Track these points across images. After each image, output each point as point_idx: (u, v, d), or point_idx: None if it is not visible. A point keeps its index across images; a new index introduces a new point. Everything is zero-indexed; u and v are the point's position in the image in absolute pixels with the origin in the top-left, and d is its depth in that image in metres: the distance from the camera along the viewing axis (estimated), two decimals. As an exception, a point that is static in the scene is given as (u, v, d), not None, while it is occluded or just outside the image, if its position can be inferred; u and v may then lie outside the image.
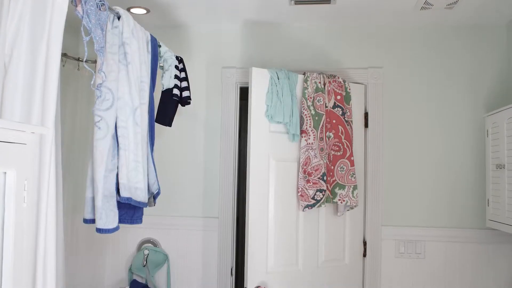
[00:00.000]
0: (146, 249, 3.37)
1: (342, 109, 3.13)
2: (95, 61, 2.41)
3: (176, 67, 2.90)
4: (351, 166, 3.11)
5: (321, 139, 3.03)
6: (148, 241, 3.43)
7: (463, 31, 3.34)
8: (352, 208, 3.18)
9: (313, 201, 2.98)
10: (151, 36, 2.61)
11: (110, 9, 2.25)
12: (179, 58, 2.95)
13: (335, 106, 3.11)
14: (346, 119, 3.13)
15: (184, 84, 2.98)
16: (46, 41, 1.85)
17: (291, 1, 2.98)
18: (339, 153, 3.09)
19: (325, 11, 3.18)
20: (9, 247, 1.44)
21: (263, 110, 2.94)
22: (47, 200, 1.82)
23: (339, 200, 3.07)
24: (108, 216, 2.29)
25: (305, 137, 2.99)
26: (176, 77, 2.89)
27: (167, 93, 2.90)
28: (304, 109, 3.01)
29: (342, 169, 3.09)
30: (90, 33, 2.10)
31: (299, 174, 3.00)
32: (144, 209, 2.60)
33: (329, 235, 3.18)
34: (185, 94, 2.97)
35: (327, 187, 3.04)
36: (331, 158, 3.09)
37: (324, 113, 3.06)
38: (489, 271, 3.22)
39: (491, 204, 3.01)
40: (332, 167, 3.08)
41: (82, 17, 2.05)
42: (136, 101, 2.37)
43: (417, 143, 3.34)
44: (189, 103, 3.02)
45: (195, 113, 3.46)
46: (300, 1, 2.98)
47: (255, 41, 3.48)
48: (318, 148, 3.01)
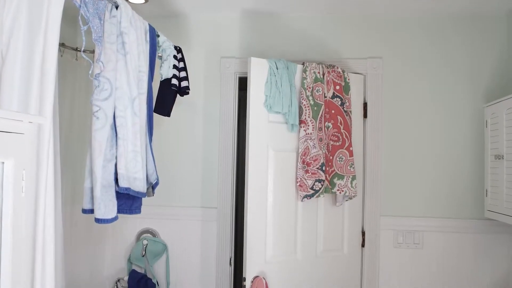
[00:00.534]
0: (145, 239, 3.37)
1: (341, 99, 3.12)
2: (93, 51, 2.40)
3: (175, 57, 2.88)
4: (350, 157, 3.11)
5: (320, 129, 3.03)
6: (147, 231, 3.43)
7: (463, 21, 3.32)
8: (350, 198, 3.18)
9: (312, 191, 2.98)
10: (150, 26, 2.59)
11: (108, -2, 2.24)
12: (178, 48, 2.94)
13: (334, 96, 3.11)
14: (345, 109, 3.13)
15: (183, 74, 2.97)
16: (43, 30, 1.84)
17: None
18: (338, 143, 3.09)
19: (324, 0, 3.17)
20: (7, 237, 1.44)
21: (262, 100, 2.94)
22: (45, 190, 1.82)
23: (337, 190, 3.07)
24: (106, 206, 2.29)
25: (304, 127, 2.99)
26: (175, 67, 2.88)
27: (165, 83, 2.88)
28: (303, 99, 3.00)
29: (341, 159, 3.09)
30: (88, 22, 2.09)
31: (298, 164, 3.00)
32: (143, 199, 2.59)
33: (327, 225, 3.18)
34: (183, 84, 2.96)
35: (325, 177, 3.04)
36: (330, 148, 3.09)
37: (323, 103, 3.06)
38: (487, 261, 3.23)
39: (489, 194, 3.02)
40: (331, 157, 3.08)
41: (80, 6, 2.03)
42: (134, 91, 2.37)
43: (416, 133, 3.34)
44: (187, 93, 3.00)
45: (193, 104, 3.45)
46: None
47: (254, 31, 3.47)
48: (317, 138, 3.00)
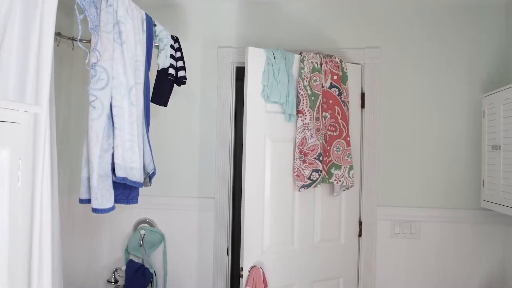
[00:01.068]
0: (142, 229, 3.37)
1: (339, 89, 3.11)
2: (89, 41, 2.39)
3: (172, 46, 2.87)
4: (347, 147, 3.10)
5: (318, 119, 3.02)
6: (144, 221, 3.44)
7: (461, 11, 3.31)
8: (348, 189, 3.18)
9: (309, 181, 2.98)
10: (146, 15, 2.58)
11: (104, -13, 2.22)
12: (175, 38, 2.93)
13: (331, 86, 3.10)
14: (342, 99, 3.12)
15: (180, 63, 2.96)
16: (39, 19, 1.83)
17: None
18: (335, 134, 3.09)
19: (322, -10, 3.16)
20: (4, 227, 1.44)
21: (259, 90, 2.93)
22: (42, 180, 1.81)
23: (335, 180, 3.07)
24: (103, 196, 2.29)
25: (301, 117, 2.98)
26: (172, 56, 2.87)
27: (162, 73, 2.88)
28: (300, 89, 3.00)
29: (338, 149, 3.09)
30: (84, 11, 2.08)
31: (295, 154, 3.00)
32: (140, 189, 2.59)
33: (324, 215, 3.19)
34: (180, 74, 2.95)
35: (323, 167, 3.04)
36: (327, 138, 3.09)
37: (321, 93, 3.05)
38: (483, 250, 3.25)
39: (486, 185, 3.02)
40: (328, 147, 3.08)
41: (76, -5, 2.02)
42: (131, 81, 2.36)
43: (413, 123, 3.34)
44: (184, 83, 3.00)
45: (190, 93, 3.44)
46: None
47: (251, 21, 3.45)
48: (314, 128, 3.00)
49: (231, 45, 3.44)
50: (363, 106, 3.36)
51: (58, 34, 3.03)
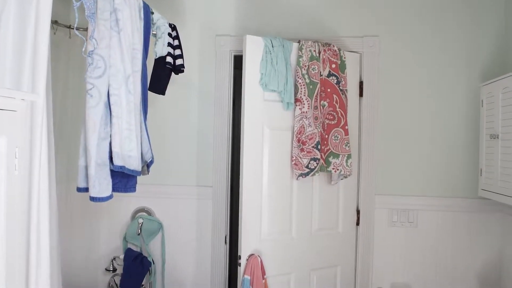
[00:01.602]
0: (141, 217, 3.38)
1: (337, 78, 3.10)
2: (86, 29, 2.37)
3: (169, 34, 2.85)
4: (345, 135, 3.10)
5: (316, 107, 3.02)
6: (142, 209, 3.44)
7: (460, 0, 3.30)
8: (346, 177, 3.18)
9: (307, 170, 2.98)
10: (144, 3, 2.56)
11: (101, -26, 2.20)
12: (172, 26, 2.91)
13: (329, 75, 3.09)
14: (340, 88, 3.12)
15: (178, 52, 2.94)
16: (35, 7, 1.82)
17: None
18: (333, 122, 3.09)
19: (321, -23, 3.13)
20: (1, 215, 1.44)
21: (257, 79, 2.92)
22: (39, 168, 1.81)
23: (333, 169, 3.07)
24: (101, 184, 2.29)
25: (299, 105, 2.98)
26: (169, 44, 2.85)
27: (160, 61, 2.86)
28: (298, 77, 2.99)
29: (336, 138, 3.09)
30: (80, -2, 2.07)
31: (293, 143, 3.00)
32: (138, 178, 2.59)
33: (322, 203, 3.19)
34: (178, 62, 2.93)
35: (321, 156, 3.04)
36: (325, 127, 3.08)
37: (319, 81, 3.04)
38: (480, 239, 3.26)
39: (484, 173, 3.03)
40: (326, 136, 3.08)
41: (72, -18, 2.00)
42: (128, 69, 2.35)
43: (411, 112, 3.33)
44: (182, 71, 2.98)
45: (188, 82, 3.43)
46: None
47: (249, 9, 3.43)
48: (312, 116, 3.00)
49: (229, 33, 3.42)
50: (361, 94, 3.35)
51: (54, 22, 3.01)
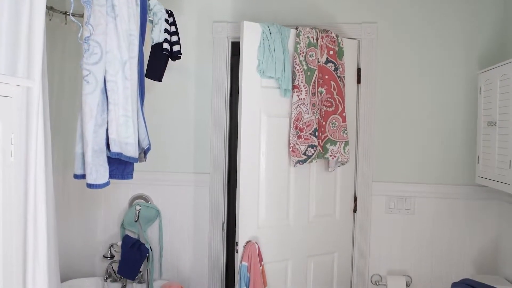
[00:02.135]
0: (138, 204, 3.38)
1: (335, 65, 3.09)
2: (82, 15, 2.36)
3: (166, 21, 2.84)
4: (342, 122, 3.10)
5: (313, 94, 3.01)
6: (139, 196, 3.44)
7: (459, -15, 3.28)
8: (343, 164, 3.19)
9: (305, 157, 2.98)
10: (140, -12, 2.54)
11: (96, -42, 2.18)
12: (169, 12, 2.89)
13: (327, 62, 3.08)
14: (338, 74, 3.10)
15: (175, 38, 2.93)
16: (30, -9, 1.80)
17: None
18: (331, 109, 3.08)
19: (319, -37, 3.11)
20: (-3, 201, 1.44)
21: (254, 65, 2.91)
22: (35, 155, 1.80)
23: (330, 156, 3.07)
24: (98, 171, 2.29)
25: (297, 92, 2.97)
26: (166, 31, 2.84)
27: (157, 47, 2.85)
28: (296, 64, 2.98)
29: (333, 125, 3.08)
30: (76, -17, 2.05)
31: (291, 129, 2.99)
32: (135, 164, 2.59)
33: (320, 190, 3.20)
34: (175, 48, 2.92)
35: (318, 142, 3.04)
36: (323, 113, 3.08)
37: (316, 68, 3.03)
38: (477, 226, 3.27)
39: (481, 161, 3.03)
40: (324, 123, 3.07)
41: (68, -33, 1.98)
42: (125, 55, 2.34)
43: (409, 99, 3.33)
44: (179, 57, 2.97)
45: (185, 68, 3.41)
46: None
47: (247, -5, 3.41)
48: (310, 103, 2.99)
49: (226, 19, 3.40)
50: (359, 81, 3.34)
51: (50, 9, 2.99)
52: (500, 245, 3.21)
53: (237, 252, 2.87)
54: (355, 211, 3.37)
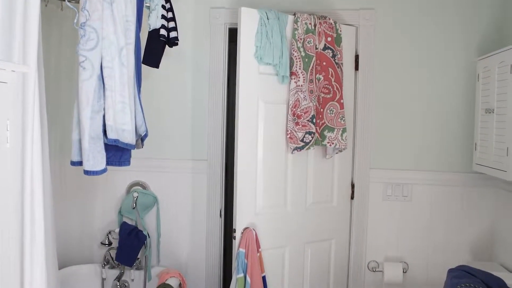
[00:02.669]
0: (136, 191, 3.38)
1: (333, 51, 3.08)
2: (78, 0, 2.34)
3: (163, 6, 2.81)
4: (340, 109, 3.09)
5: (311, 81, 3.00)
6: (137, 183, 3.44)
7: (458, -29, 3.26)
8: (341, 151, 3.18)
9: (302, 144, 2.98)
10: (136, -27, 2.52)
11: None
12: (166, -3, 2.87)
13: (325, 48, 3.06)
14: (336, 61, 3.09)
15: (172, 24, 2.90)
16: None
17: None
18: (328, 96, 3.07)
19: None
20: (-7, 188, 1.43)
21: (252, 52, 2.89)
22: (32, 141, 1.80)
23: (328, 142, 3.07)
24: (95, 158, 2.28)
25: (294, 79, 2.96)
26: (163, 17, 2.82)
27: (154, 33, 2.83)
28: (294, 50, 2.96)
29: (331, 111, 3.07)
30: (71, -32, 2.03)
31: (288, 116, 2.98)
32: (133, 151, 2.59)
33: (317, 177, 3.20)
34: (172, 34, 2.90)
35: (316, 129, 3.03)
36: (321, 100, 3.07)
37: (314, 55, 3.02)
38: (473, 213, 3.28)
39: (478, 148, 3.03)
40: (322, 109, 3.07)
41: (63, -49, 1.96)
42: (121, 41, 2.32)
43: (407, 86, 3.32)
44: (176, 44, 2.95)
45: (183, 55, 3.39)
46: None
47: (244, -20, 3.38)
48: (308, 90, 2.98)
49: (223, 5, 3.38)
50: (357, 68, 3.33)
51: (46, -6, 2.96)
52: (496, 232, 3.22)
53: (235, 239, 2.87)
54: (352, 198, 3.38)
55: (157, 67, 2.93)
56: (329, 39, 3.08)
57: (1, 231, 1.49)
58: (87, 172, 2.28)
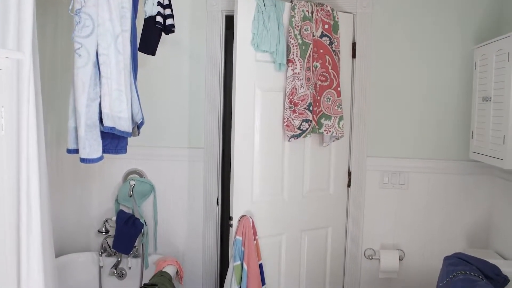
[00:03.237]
0: (132, 179, 3.37)
1: (330, 39, 3.06)
2: (73, -14, 2.32)
3: (159, -7, 2.80)
4: (337, 97, 3.08)
5: (308, 68, 2.99)
6: (134, 171, 3.43)
7: (456, -42, 3.24)
8: (337, 139, 3.18)
9: (299, 131, 2.98)
10: (132, -41, 2.49)
11: None
12: (162, -16, 2.84)
13: (322, 36, 3.05)
14: (333, 49, 3.08)
15: (168, 11, 2.88)
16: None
17: None
18: (325, 84, 3.06)
19: None
20: (-12, 176, 1.42)
21: (249, 39, 2.87)
22: (27, 129, 1.78)
23: (325, 130, 3.07)
24: (91, 146, 2.27)
25: (291, 66, 2.95)
26: (159, 4, 2.80)
27: (150, 20, 2.81)
28: (291, 38, 2.95)
29: (328, 99, 3.07)
30: (66, -46, 2.00)
31: (285, 104, 2.98)
32: (129, 139, 2.57)
33: (314, 165, 3.20)
34: (168, 22, 2.88)
35: (313, 117, 3.03)
36: (318, 88, 3.06)
37: (311, 42, 3.00)
38: (470, 201, 3.29)
39: (475, 136, 3.03)
40: (319, 97, 3.06)
41: None
42: (117, 28, 2.30)
43: (404, 74, 3.31)
44: (173, 31, 2.93)
45: (179, 42, 3.37)
46: None
47: (241, -33, 3.35)
48: (305, 78, 2.97)
49: (220, -8, 3.35)
50: (354, 56, 3.32)
51: (41, -20, 2.93)
52: (492, 219, 3.23)
53: (232, 227, 2.88)
54: (349, 186, 3.38)
55: (153, 54, 2.92)
56: (326, 26, 3.06)
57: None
58: (83, 160, 2.27)
